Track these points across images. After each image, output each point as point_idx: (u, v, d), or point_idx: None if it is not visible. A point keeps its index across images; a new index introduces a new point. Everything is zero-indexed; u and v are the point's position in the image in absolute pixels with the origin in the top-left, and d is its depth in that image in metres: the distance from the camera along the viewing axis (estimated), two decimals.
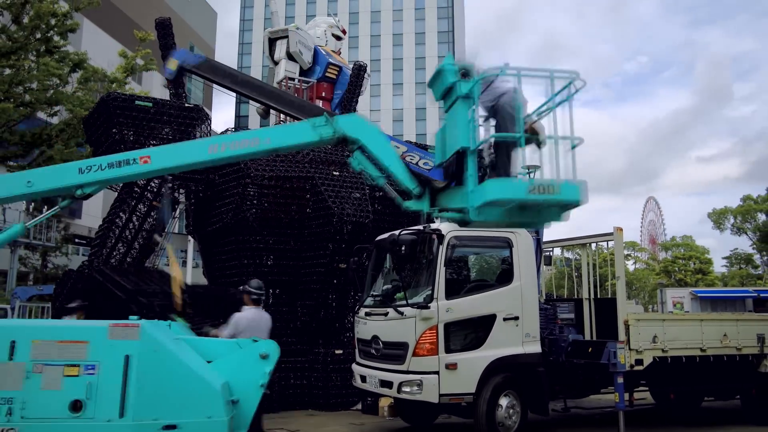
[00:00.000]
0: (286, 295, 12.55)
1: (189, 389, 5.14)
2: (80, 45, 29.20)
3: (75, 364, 5.07)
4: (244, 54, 79.71)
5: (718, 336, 10.45)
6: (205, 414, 5.09)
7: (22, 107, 21.16)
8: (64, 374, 5.04)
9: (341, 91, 18.37)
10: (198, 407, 5.11)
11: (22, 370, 5.00)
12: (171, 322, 6.03)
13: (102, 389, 5.02)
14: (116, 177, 6.21)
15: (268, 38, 19.36)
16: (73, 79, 22.75)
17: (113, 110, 11.73)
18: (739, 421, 11.42)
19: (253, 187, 11.99)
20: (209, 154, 6.12)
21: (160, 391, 5.10)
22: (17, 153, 22.72)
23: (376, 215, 12.05)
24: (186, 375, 5.19)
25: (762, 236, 49.54)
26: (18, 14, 20.44)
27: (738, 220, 53.04)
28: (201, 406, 5.11)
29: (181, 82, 14.30)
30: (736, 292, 37.17)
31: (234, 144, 6.14)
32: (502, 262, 9.40)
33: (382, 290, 9.37)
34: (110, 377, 5.06)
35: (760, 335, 10.84)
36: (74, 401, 4.97)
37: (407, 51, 77.09)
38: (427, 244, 8.41)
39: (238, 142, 6.17)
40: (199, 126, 13.16)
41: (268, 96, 11.82)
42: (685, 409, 12.30)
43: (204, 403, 5.13)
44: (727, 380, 11.14)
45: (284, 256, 12.29)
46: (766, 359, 10.88)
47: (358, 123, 5.97)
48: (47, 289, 20.73)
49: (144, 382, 5.07)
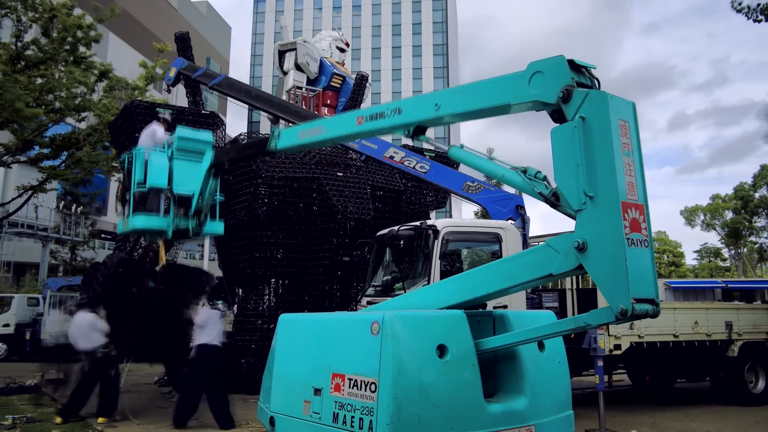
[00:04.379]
0: (295, 285, 12.53)
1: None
2: (105, 56, 29.16)
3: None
4: (256, 65, 79.62)
5: (690, 323, 10.46)
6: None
7: (52, 113, 21.11)
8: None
9: (345, 99, 18.33)
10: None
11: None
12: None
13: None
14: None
15: (277, 50, 19.27)
16: (99, 87, 22.72)
17: (136, 116, 11.72)
18: (709, 401, 11.44)
19: (264, 186, 11.98)
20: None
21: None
22: (48, 155, 22.71)
23: (376, 212, 12.03)
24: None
25: (729, 232, 49.60)
26: (47, 27, 20.37)
27: (708, 217, 53.09)
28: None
29: (198, 90, 14.33)
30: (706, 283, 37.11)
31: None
32: (492, 255, 9.38)
33: (383, 281, 9.36)
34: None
35: (728, 322, 10.85)
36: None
37: (405, 62, 77.13)
38: (423, 239, 8.40)
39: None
40: (215, 131, 13.14)
41: (277, 107, 11.89)
42: (660, 390, 12.33)
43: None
44: (698, 364, 11.17)
45: (292, 249, 12.28)
46: (734, 344, 10.90)
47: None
48: (75, 279, 20.72)
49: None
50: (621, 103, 3.73)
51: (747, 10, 12.27)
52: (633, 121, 3.77)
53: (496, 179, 4.63)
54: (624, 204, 3.52)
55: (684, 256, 63.43)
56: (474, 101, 4.36)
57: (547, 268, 3.84)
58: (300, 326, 4.95)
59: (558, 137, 3.80)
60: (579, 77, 3.82)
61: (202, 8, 66.56)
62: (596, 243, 3.56)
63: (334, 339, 4.38)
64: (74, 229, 31.61)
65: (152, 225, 8.70)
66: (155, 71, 25.15)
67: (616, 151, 3.57)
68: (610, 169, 3.55)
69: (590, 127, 3.63)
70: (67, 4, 20.56)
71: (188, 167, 8.75)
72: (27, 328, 20.37)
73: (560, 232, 11.36)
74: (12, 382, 12.44)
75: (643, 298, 3.47)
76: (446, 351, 3.98)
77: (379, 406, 3.75)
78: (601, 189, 3.56)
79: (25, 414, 9.47)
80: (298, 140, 6.12)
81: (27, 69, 19.93)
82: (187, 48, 14.06)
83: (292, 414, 4.50)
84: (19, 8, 19.83)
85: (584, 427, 8.48)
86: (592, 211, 3.59)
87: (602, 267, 3.55)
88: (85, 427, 8.74)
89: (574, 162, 3.67)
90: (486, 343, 4.18)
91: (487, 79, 4.34)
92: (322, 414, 4.17)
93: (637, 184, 3.65)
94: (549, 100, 3.83)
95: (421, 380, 3.82)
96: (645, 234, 3.59)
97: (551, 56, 3.87)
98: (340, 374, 4.13)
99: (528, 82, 3.93)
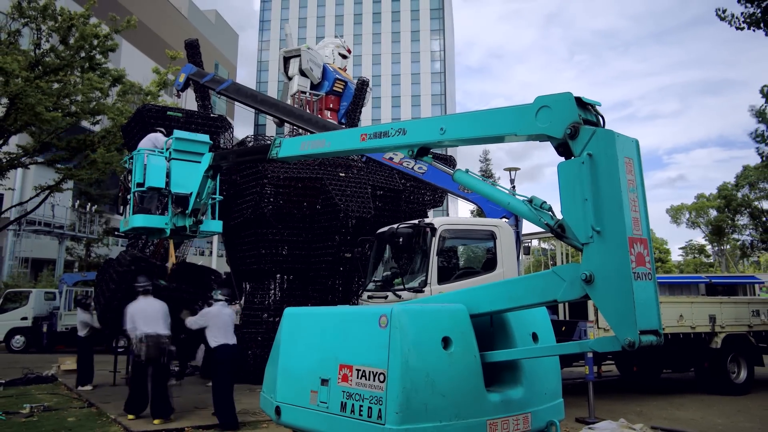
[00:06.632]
0: (299, 280, 12.53)
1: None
2: (119, 63, 29.13)
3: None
4: (262, 71, 79.66)
5: (675, 317, 10.46)
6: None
7: (69, 117, 21.10)
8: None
9: (347, 103, 18.28)
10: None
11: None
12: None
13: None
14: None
15: (282, 57, 19.23)
16: (113, 92, 22.72)
17: (148, 119, 11.69)
18: (694, 390, 11.44)
19: (270, 186, 11.97)
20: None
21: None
22: (64, 156, 22.72)
23: (376, 211, 12.02)
24: None
25: (713, 229, 49.56)
26: (65, 36, 20.38)
27: (693, 216, 53.09)
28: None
29: (207, 95, 14.32)
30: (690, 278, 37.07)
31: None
32: (487, 251, 9.37)
33: (383, 276, 9.35)
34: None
35: (712, 316, 10.85)
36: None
37: (404, 68, 77.13)
38: (421, 236, 8.39)
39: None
40: (223, 133, 13.13)
41: (282, 111, 11.89)
42: (647, 380, 12.33)
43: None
44: (683, 355, 11.17)
45: (297, 246, 12.27)
46: (717, 336, 10.90)
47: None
48: (90, 275, 20.72)
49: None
50: (626, 141, 3.76)
51: (730, 18, 12.26)
52: (637, 158, 3.80)
53: (501, 206, 4.60)
54: (630, 239, 3.55)
55: (670, 253, 63.41)
56: (479, 129, 4.35)
57: (552, 294, 3.88)
58: (306, 319, 4.95)
59: (565, 172, 3.80)
60: (585, 114, 3.82)
61: (210, 16, 66.51)
62: (603, 276, 3.58)
63: (342, 331, 4.38)
64: (89, 226, 31.62)
65: (151, 224, 8.69)
66: (167, 77, 25.15)
67: (623, 187, 3.58)
68: (617, 206, 3.56)
69: (597, 164, 3.64)
70: (84, 13, 20.58)
71: (186, 168, 8.72)
72: (44, 321, 20.41)
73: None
74: (30, 373, 12.45)
75: (647, 329, 3.51)
76: (450, 343, 4.02)
77: (388, 395, 3.76)
78: (608, 224, 3.58)
79: (43, 403, 9.48)
80: (300, 151, 6.07)
81: (45, 75, 19.94)
82: (196, 54, 14.05)
83: (298, 403, 4.49)
84: (39, 18, 19.86)
85: (575, 416, 8.48)
86: (599, 245, 3.60)
87: (609, 299, 3.58)
88: (100, 415, 8.74)
89: (581, 197, 3.67)
90: (490, 356, 4.25)
91: (495, 109, 4.34)
92: (329, 403, 4.17)
93: (641, 219, 3.70)
94: (556, 135, 3.82)
95: (428, 371, 3.85)
96: (649, 267, 3.64)
97: (559, 92, 3.89)
98: (347, 365, 4.13)
99: (535, 116, 3.93)
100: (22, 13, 19.69)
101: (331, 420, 4.11)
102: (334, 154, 6.10)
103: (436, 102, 75.85)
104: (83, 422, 8.32)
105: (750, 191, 43.05)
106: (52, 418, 8.54)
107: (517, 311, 4.48)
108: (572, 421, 8.30)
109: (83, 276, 22.27)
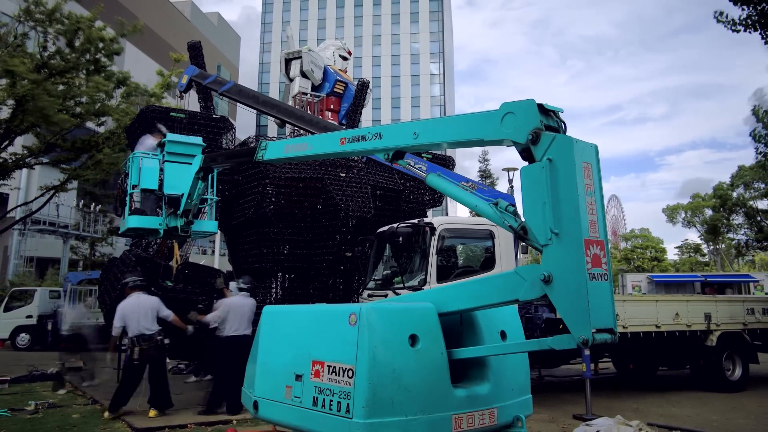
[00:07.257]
0: (300, 279, 12.52)
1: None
2: (123, 65, 29.15)
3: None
4: (264, 72, 79.65)
5: (671, 314, 10.46)
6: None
7: (74, 118, 21.13)
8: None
9: (347, 104, 18.30)
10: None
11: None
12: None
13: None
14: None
15: (284, 58, 19.26)
16: (118, 94, 22.74)
17: (151, 120, 11.69)
18: (689, 388, 11.43)
19: (272, 186, 11.96)
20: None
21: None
22: (69, 157, 22.73)
23: (377, 211, 12.02)
24: None
25: (708, 229, 49.58)
26: (71, 39, 20.38)
27: (688, 215, 53.09)
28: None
29: (210, 96, 14.30)
30: (686, 277, 37.15)
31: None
32: (486, 251, 9.38)
33: (383, 275, 9.37)
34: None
35: (707, 314, 10.84)
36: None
37: (404, 70, 77.14)
38: (421, 235, 8.40)
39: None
40: (225, 134, 13.12)
41: (283, 113, 11.87)
42: (643, 377, 12.33)
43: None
44: (678, 353, 11.17)
45: (298, 245, 12.26)
46: (712, 334, 10.90)
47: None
48: (94, 274, 20.74)
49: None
50: (585, 146, 3.85)
51: (729, 22, 12.26)
52: (595, 163, 3.89)
53: (470, 209, 4.69)
54: (586, 241, 3.62)
55: (666, 252, 63.41)
56: (450, 134, 4.44)
57: (514, 294, 3.97)
58: (283, 317, 5.05)
59: (527, 176, 3.88)
60: (547, 120, 3.89)
61: (213, 19, 66.55)
62: (560, 276, 3.65)
63: (315, 329, 4.47)
64: (93, 226, 31.64)
65: (145, 224, 8.68)
66: (171, 79, 25.17)
67: (580, 191, 3.66)
68: (574, 209, 3.64)
69: (557, 169, 3.71)
70: (90, 17, 20.60)
71: (179, 170, 8.71)
72: (49, 319, 20.41)
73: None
74: (35, 370, 12.45)
75: (602, 328, 3.60)
76: (417, 340, 4.10)
77: (355, 390, 3.84)
78: (566, 227, 3.65)
79: (47, 400, 9.48)
80: (284, 154, 6.15)
81: (51, 77, 19.96)
82: (199, 56, 14.05)
83: (274, 398, 4.57)
84: (46, 21, 19.87)
85: (572, 412, 8.46)
86: (557, 247, 3.68)
87: (566, 299, 3.66)
88: (102, 411, 8.74)
89: (541, 200, 3.74)
90: (457, 353, 4.32)
91: (463, 114, 4.42)
92: (302, 398, 4.25)
93: (598, 221, 3.76)
94: (519, 140, 3.89)
95: (394, 367, 3.92)
96: (605, 268, 3.70)
97: (523, 99, 3.97)
98: (320, 361, 4.22)
99: (500, 121, 4.00)
100: (30, 16, 19.70)
101: (303, 414, 4.18)
102: (316, 157, 6.19)
103: (435, 103, 75.88)
104: (87, 419, 8.32)
105: (745, 191, 43.11)
106: (56, 415, 8.55)
107: (486, 310, 4.54)
108: (570, 417, 8.29)
109: (87, 275, 22.30)
